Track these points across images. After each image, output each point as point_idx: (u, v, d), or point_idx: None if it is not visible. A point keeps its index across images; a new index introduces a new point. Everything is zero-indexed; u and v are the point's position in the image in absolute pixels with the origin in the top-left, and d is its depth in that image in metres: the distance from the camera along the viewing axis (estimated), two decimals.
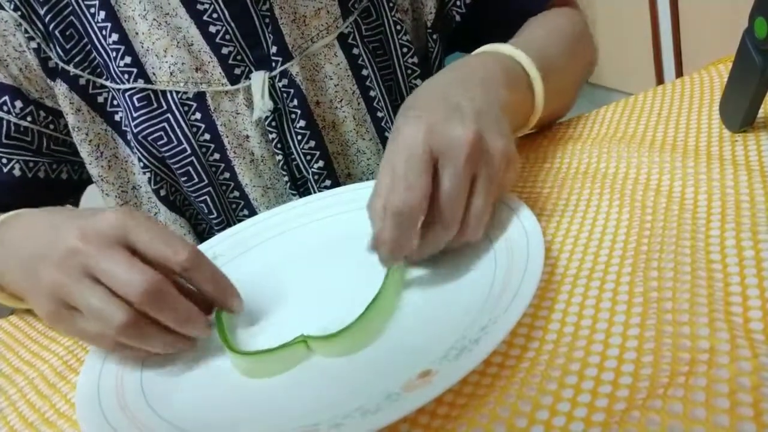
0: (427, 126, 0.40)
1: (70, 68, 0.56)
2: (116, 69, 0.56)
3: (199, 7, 0.55)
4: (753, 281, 0.33)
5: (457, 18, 0.65)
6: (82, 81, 0.57)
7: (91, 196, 0.67)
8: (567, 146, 0.56)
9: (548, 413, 0.30)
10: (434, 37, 0.65)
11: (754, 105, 0.46)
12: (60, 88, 0.56)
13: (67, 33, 0.56)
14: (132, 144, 0.58)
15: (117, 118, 0.59)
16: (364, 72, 0.61)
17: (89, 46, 0.56)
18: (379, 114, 0.62)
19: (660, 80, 2.11)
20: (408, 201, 0.38)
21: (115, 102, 0.58)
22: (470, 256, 0.42)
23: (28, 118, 0.57)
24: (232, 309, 0.41)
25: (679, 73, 2.01)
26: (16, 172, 0.57)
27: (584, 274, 0.38)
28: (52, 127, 0.58)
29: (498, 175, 0.40)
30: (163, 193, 0.61)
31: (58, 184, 0.61)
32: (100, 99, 0.58)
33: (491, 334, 0.32)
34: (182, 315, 0.38)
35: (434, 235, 0.40)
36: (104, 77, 0.57)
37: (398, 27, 0.62)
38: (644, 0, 2.01)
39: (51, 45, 0.55)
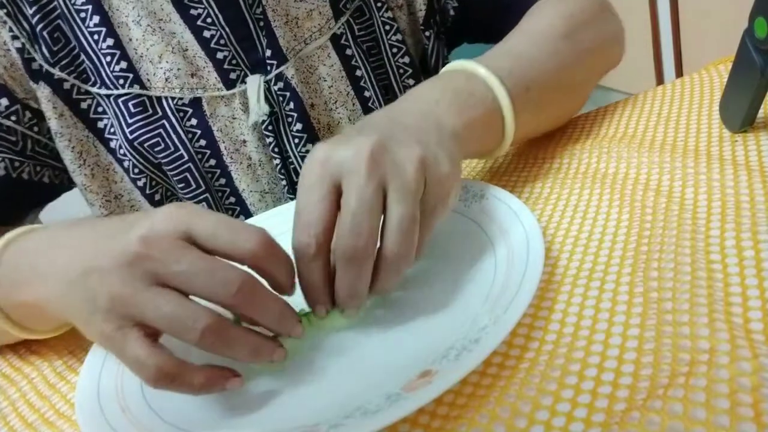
0: (323, 151, 0.37)
1: (55, 71, 0.55)
2: (111, 74, 0.56)
3: (193, 12, 0.55)
4: (753, 281, 0.33)
5: (452, 12, 0.65)
6: (66, 85, 0.56)
7: (71, 201, 0.66)
8: (567, 146, 0.56)
9: (548, 413, 0.30)
10: (427, 34, 0.64)
11: (754, 105, 0.46)
12: (43, 91, 0.55)
13: (55, 35, 0.55)
14: (123, 150, 0.58)
15: (100, 125, 0.58)
16: (358, 72, 0.61)
17: (77, 50, 0.55)
18: None
19: (660, 80, 2.11)
20: (303, 237, 0.36)
21: (99, 109, 0.57)
22: (470, 256, 0.42)
23: (12, 118, 0.55)
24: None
25: (679, 73, 2.01)
26: (0, 171, 0.55)
27: (584, 274, 0.38)
28: (36, 129, 0.57)
29: (414, 185, 0.36)
30: (157, 197, 0.60)
31: (39, 187, 0.60)
32: (84, 105, 0.57)
33: (491, 334, 0.32)
34: (278, 311, 0.35)
35: (345, 267, 0.35)
36: (91, 83, 0.56)
37: (387, 27, 0.61)
38: (644, 0, 2.01)
39: (36, 46, 0.54)
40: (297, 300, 0.37)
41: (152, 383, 0.33)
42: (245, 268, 0.34)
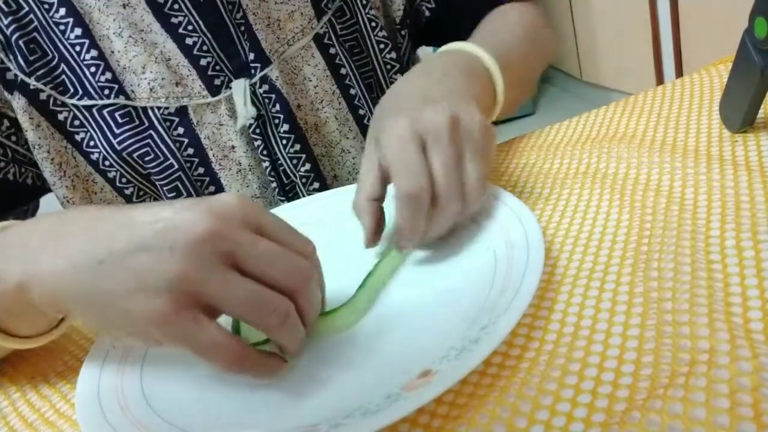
0: (407, 117, 0.42)
1: (31, 81, 0.55)
2: (95, 84, 0.55)
3: (174, 20, 0.55)
4: (753, 281, 0.33)
5: (427, 13, 0.66)
6: (42, 95, 0.55)
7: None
8: (567, 146, 0.56)
9: (548, 413, 0.30)
10: (403, 33, 0.65)
11: (754, 105, 0.46)
12: (18, 102, 0.55)
13: (30, 46, 0.54)
14: (109, 162, 0.57)
15: (77, 138, 0.57)
16: (343, 71, 0.61)
17: (56, 61, 0.55)
18: (361, 112, 0.63)
19: (660, 80, 2.11)
20: (418, 184, 0.39)
21: (76, 122, 0.57)
22: (470, 256, 0.42)
23: None
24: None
25: (679, 73, 2.01)
26: None
27: (584, 274, 0.38)
28: (14, 139, 0.57)
29: (482, 147, 0.42)
30: None
31: (24, 189, 0.60)
32: (60, 117, 0.56)
33: (491, 334, 0.32)
34: (320, 305, 0.36)
35: (441, 214, 0.41)
36: (69, 94, 0.56)
37: (374, 24, 0.62)
38: (644, 0, 2.01)
39: (11, 56, 0.54)
40: None
41: (228, 367, 0.33)
42: None
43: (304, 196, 0.61)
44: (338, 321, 0.39)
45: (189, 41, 0.56)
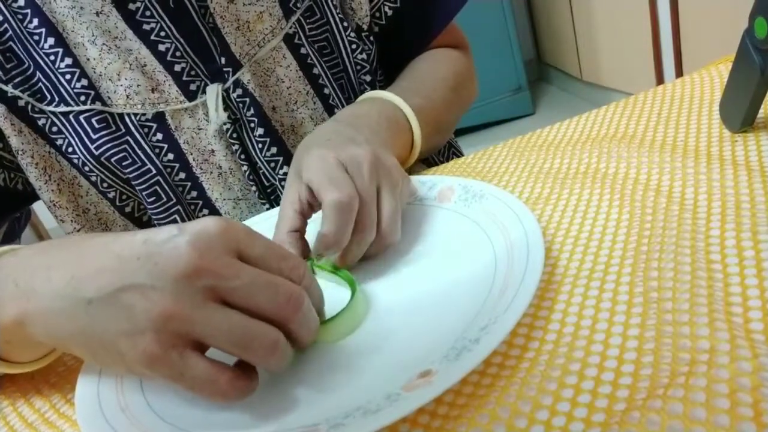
0: (331, 148, 0.44)
1: (9, 88, 0.55)
2: (71, 90, 0.55)
3: (146, 27, 0.55)
4: (753, 281, 0.33)
5: (389, 12, 0.65)
6: (21, 102, 0.56)
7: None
8: (567, 146, 0.56)
9: (548, 413, 0.30)
10: (371, 39, 0.65)
11: (754, 105, 0.46)
12: None
13: (7, 55, 0.55)
14: (89, 167, 0.57)
15: (58, 143, 0.57)
16: (315, 71, 0.61)
17: (32, 70, 0.55)
18: (336, 111, 0.62)
19: (660, 80, 2.11)
20: (346, 193, 0.41)
21: (54, 129, 0.57)
22: (470, 256, 0.42)
23: None
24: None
25: (679, 73, 2.01)
26: None
27: (584, 274, 0.38)
28: (0, 145, 0.57)
29: (398, 185, 0.45)
30: (128, 210, 0.60)
31: (14, 194, 0.60)
32: (40, 123, 0.57)
33: (491, 334, 0.32)
34: (317, 327, 0.36)
35: (356, 242, 0.42)
36: (47, 102, 0.56)
37: (345, 24, 0.62)
38: (644, 0, 2.01)
39: None
40: None
41: (224, 398, 0.32)
42: None
43: None
44: (342, 328, 0.38)
45: (162, 47, 0.56)
